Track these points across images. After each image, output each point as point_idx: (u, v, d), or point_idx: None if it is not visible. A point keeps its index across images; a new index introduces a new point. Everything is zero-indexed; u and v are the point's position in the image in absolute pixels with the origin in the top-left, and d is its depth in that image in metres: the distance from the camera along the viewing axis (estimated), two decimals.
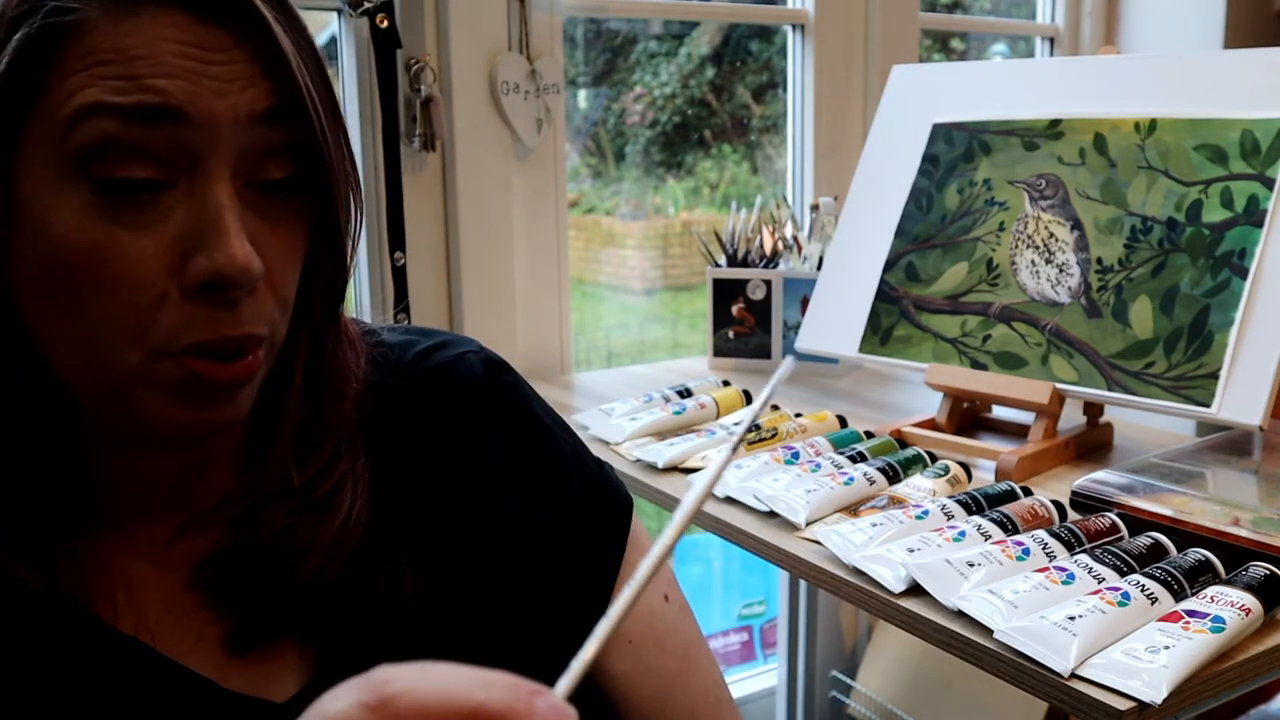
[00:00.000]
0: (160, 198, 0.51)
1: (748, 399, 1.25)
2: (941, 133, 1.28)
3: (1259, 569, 0.80)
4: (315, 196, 0.57)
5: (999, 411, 1.22)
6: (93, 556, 0.58)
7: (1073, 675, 0.70)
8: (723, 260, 1.55)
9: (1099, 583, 0.78)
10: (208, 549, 0.59)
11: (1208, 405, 0.99)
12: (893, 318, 1.23)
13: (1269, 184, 1.03)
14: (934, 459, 1.06)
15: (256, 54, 0.52)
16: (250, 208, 0.53)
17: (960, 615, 0.77)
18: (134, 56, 0.49)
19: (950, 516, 0.90)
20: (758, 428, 1.13)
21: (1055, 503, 0.94)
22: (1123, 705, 0.68)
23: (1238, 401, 0.98)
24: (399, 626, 0.61)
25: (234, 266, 0.51)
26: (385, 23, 1.31)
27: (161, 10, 0.50)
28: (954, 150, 1.26)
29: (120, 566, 0.58)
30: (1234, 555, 0.83)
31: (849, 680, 1.85)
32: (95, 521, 0.58)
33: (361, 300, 1.43)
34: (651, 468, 1.09)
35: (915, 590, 0.81)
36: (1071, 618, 0.73)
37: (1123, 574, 0.80)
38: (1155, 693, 0.68)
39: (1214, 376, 1.00)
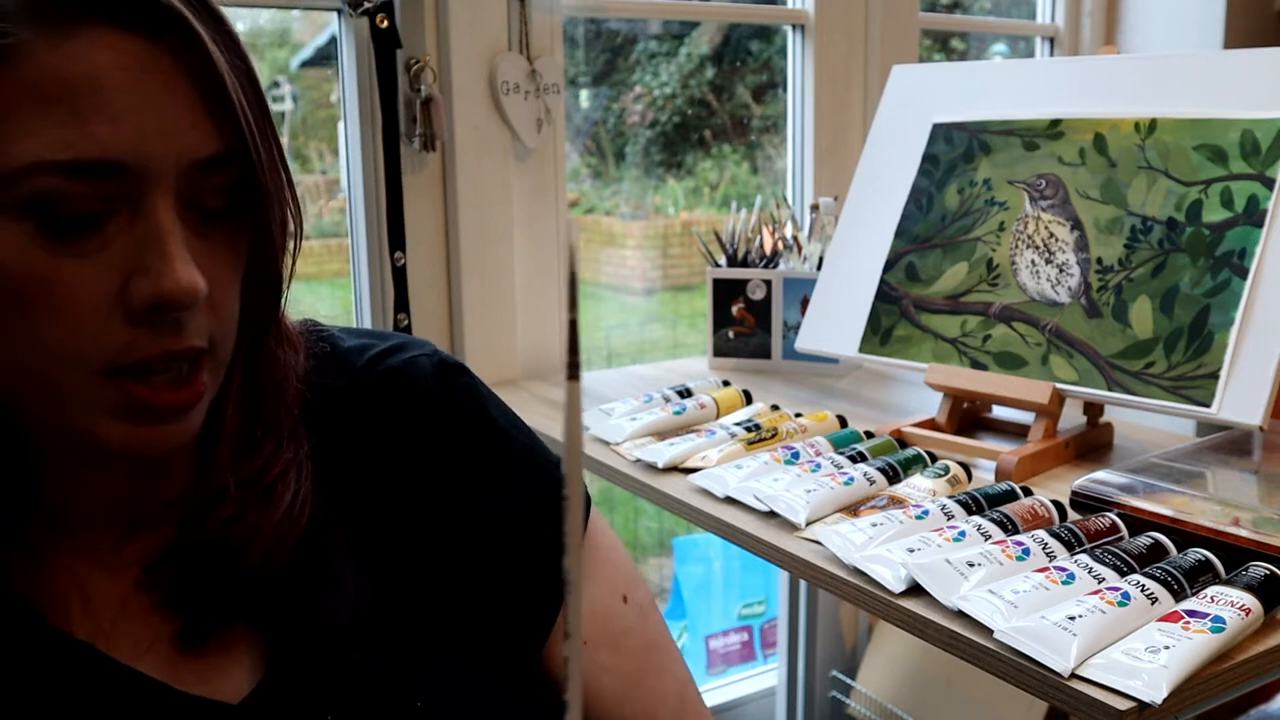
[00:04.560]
0: (103, 225, 0.51)
1: (748, 399, 1.24)
2: (941, 133, 1.28)
3: (1259, 569, 0.80)
4: (253, 218, 0.57)
5: (999, 411, 1.22)
6: (44, 563, 0.58)
7: (1073, 675, 0.70)
8: (723, 260, 1.55)
9: (1099, 583, 0.78)
10: (157, 550, 0.60)
11: (1208, 405, 0.99)
12: (893, 318, 1.23)
13: (1269, 184, 1.03)
14: (934, 459, 1.06)
15: (194, 73, 0.52)
16: (191, 229, 0.54)
17: (960, 615, 0.77)
18: (78, 93, 0.49)
19: (950, 516, 0.90)
20: (758, 427, 1.13)
21: (1055, 503, 0.93)
22: (1123, 705, 0.67)
23: (1238, 401, 0.98)
24: (348, 623, 0.61)
25: (180, 290, 0.51)
26: (385, 23, 1.31)
27: (96, 29, 0.50)
28: (954, 150, 1.26)
29: (72, 572, 0.58)
30: (1234, 555, 0.83)
31: (849, 680, 1.85)
32: (45, 528, 0.58)
33: (361, 300, 1.43)
34: (651, 468, 1.09)
35: (915, 590, 0.81)
36: (1071, 618, 0.73)
37: (1123, 574, 0.80)
38: (1155, 693, 0.68)
39: (1214, 376, 1.00)
